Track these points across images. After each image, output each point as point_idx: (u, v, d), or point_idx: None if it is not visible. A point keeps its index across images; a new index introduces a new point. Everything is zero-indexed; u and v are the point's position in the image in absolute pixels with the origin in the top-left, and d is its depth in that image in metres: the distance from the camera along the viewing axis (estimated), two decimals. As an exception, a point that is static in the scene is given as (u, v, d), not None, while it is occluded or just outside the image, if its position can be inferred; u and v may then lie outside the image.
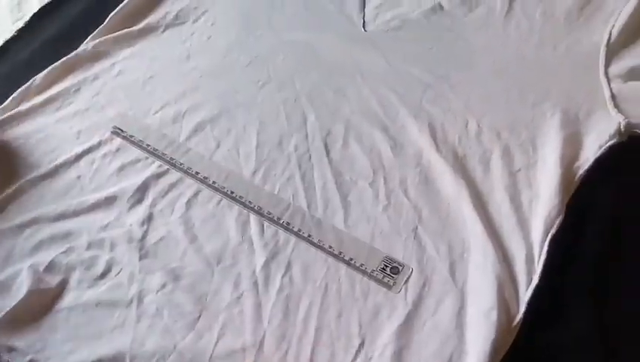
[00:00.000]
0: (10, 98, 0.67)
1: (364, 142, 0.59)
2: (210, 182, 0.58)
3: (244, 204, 0.56)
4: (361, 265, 0.50)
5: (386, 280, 0.49)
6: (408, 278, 0.49)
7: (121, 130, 0.63)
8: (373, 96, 0.63)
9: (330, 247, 0.51)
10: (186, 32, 0.75)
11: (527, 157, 0.55)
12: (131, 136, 0.63)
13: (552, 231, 0.49)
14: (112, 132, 0.63)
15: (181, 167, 0.59)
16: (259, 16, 0.76)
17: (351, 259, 0.50)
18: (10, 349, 0.47)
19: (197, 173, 0.59)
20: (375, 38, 0.70)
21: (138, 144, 0.62)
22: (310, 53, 0.70)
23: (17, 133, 0.65)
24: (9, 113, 0.66)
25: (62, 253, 0.54)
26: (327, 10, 0.75)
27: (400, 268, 0.49)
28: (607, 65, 0.61)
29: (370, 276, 0.49)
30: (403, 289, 0.48)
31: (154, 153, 0.61)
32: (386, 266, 0.50)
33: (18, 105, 0.67)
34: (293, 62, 0.69)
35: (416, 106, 0.61)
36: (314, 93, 0.65)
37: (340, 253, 0.51)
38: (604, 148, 0.54)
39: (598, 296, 0.47)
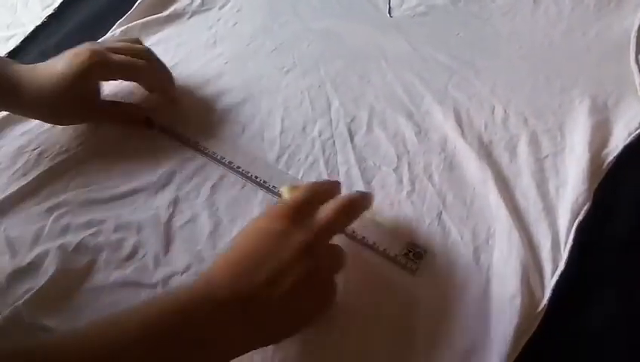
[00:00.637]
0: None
1: (389, 128, 0.59)
2: (235, 167, 0.58)
3: (267, 189, 0.56)
4: (385, 249, 0.50)
5: (409, 265, 0.49)
6: (432, 263, 0.49)
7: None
8: (398, 82, 0.63)
9: (354, 232, 0.51)
10: (212, 18, 0.76)
11: (554, 144, 0.55)
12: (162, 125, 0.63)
13: (579, 217, 0.49)
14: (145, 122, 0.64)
15: (206, 152, 0.60)
16: (284, 2, 0.76)
17: (374, 244, 0.50)
18: (42, 328, 0.48)
19: (222, 158, 0.59)
20: (401, 24, 0.70)
21: (170, 132, 0.62)
22: (335, 40, 0.70)
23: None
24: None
25: (90, 235, 0.54)
26: (353, -4, 0.75)
27: (423, 253, 0.49)
28: (637, 51, 0.60)
29: (394, 261, 0.49)
30: (427, 275, 0.48)
31: (181, 139, 0.61)
32: (409, 251, 0.49)
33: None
34: (318, 48, 0.69)
35: (441, 92, 0.61)
36: (338, 79, 0.65)
37: (364, 237, 0.51)
38: (633, 135, 0.54)
39: (624, 283, 0.47)
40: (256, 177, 0.57)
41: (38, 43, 0.76)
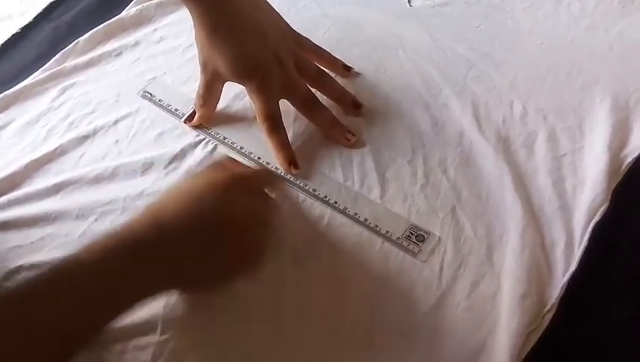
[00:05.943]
0: (53, 59, 0.68)
1: (405, 120, 0.58)
2: (246, 153, 0.57)
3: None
4: (387, 232, 0.50)
5: (411, 247, 0.48)
6: (435, 247, 0.48)
7: (151, 95, 0.63)
8: (416, 73, 0.62)
9: (356, 214, 0.51)
10: (229, 0, 0.74)
11: (573, 142, 0.54)
12: (160, 101, 0.63)
13: (596, 218, 0.48)
14: (142, 96, 0.63)
15: (217, 137, 0.59)
16: (302, -13, 0.75)
17: (376, 226, 0.50)
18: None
19: (233, 143, 0.58)
20: (420, 13, 0.69)
21: (167, 109, 0.62)
22: (353, 28, 0.69)
23: (56, 92, 0.65)
24: (50, 71, 0.66)
25: (96, 219, 0.54)
26: (372, -16, 0.73)
27: (425, 235, 0.49)
28: (661, 51, 0.59)
29: (395, 243, 0.49)
30: (437, 270, 0.47)
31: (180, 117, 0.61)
32: (412, 234, 0.49)
33: (60, 65, 0.67)
34: (335, 36, 0.68)
35: (459, 84, 0.60)
36: (355, 68, 0.63)
37: (366, 219, 0.51)
38: (654, 136, 0.52)
39: (638, 286, 0.46)
40: (268, 163, 0.56)
41: (51, 19, 0.75)
